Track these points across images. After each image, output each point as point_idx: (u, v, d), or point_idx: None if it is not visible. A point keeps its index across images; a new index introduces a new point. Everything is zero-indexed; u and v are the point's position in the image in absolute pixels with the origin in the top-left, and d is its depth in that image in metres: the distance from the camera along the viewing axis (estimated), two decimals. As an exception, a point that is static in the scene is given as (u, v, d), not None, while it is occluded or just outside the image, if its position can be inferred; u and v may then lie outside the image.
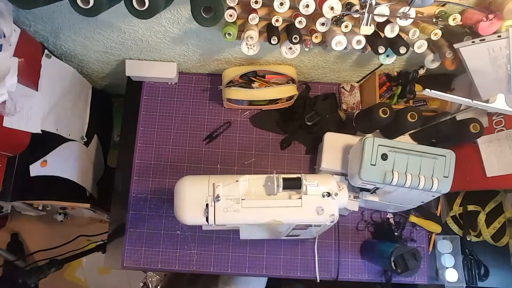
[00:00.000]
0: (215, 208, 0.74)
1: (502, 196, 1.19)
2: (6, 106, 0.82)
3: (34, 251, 1.42)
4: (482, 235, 1.17)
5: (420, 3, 0.73)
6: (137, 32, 0.99)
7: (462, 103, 0.81)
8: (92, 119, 1.32)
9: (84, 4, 0.65)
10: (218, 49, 1.07)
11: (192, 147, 1.19)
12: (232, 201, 0.74)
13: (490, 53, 0.86)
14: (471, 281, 1.14)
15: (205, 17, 0.72)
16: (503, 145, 0.94)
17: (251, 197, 0.76)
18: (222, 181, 0.76)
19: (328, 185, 0.78)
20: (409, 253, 0.98)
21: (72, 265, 1.86)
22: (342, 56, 1.09)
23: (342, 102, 1.24)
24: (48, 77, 1.01)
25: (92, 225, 1.91)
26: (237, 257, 1.12)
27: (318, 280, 1.11)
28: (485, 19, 0.81)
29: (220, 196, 0.74)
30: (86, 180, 1.31)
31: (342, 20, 0.80)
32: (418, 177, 0.84)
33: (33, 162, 1.01)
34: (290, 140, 1.21)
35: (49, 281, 1.19)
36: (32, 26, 0.95)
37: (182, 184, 0.76)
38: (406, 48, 0.83)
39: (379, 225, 1.16)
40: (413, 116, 0.91)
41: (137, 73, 1.16)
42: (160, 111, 1.21)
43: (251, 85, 1.13)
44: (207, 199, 0.74)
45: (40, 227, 1.90)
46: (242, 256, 1.12)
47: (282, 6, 0.76)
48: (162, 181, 1.16)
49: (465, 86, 1.09)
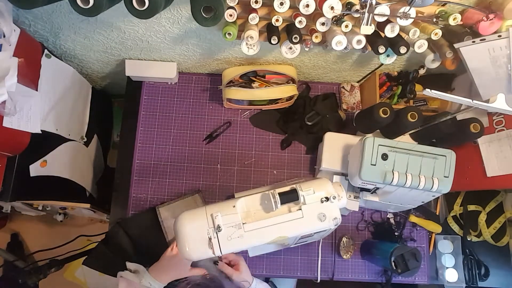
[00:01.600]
0: (218, 239, 0.73)
1: (503, 196, 1.19)
2: (6, 106, 0.82)
3: (34, 251, 1.42)
4: (483, 235, 1.17)
5: (421, 3, 0.73)
6: (137, 32, 0.98)
7: (463, 103, 0.81)
8: (92, 119, 1.31)
9: (84, 4, 0.64)
10: (218, 49, 1.07)
11: (192, 147, 1.19)
12: (234, 228, 0.74)
13: (490, 52, 0.86)
14: (471, 281, 1.14)
15: (205, 17, 0.72)
16: (503, 145, 0.93)
17: (251, 219, 0.75)
18: (220, 210, 0.75)
19: (324, 190, 0.78)
20: (409, 253, 0.98)
21: (72, 265, 1.85)
22: (342, 56, 1.09)
23: (342, 102, 1.24)
24: (48, 77, 1.01)
25: (92, 225, 1.91)
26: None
27: (319, 280, 1.12)
28: (486, 19, 0.81)
29: (221, 225, 0.73)
30: (86, 180, 1.31)
31: (342, 20, 0.80)
32: (419, 177, 0.84)
33: (33, 162, 1.01)
34: (290, 140, 1.21)
35: (49, 281, 1.19)
36: (31, 26, 0.95)
37: (181, 223, 0.75)
38: (406, 48, 0.83)
39: (379, 225, 1.16)
40: (413, 116, 0.91)
41: (137, 73, 1.16)
42: (160, 111, 1.21)
43: (251, 85, 1.13)
44: (208, 231, 0.73)
45: (40, 227, 1.90)
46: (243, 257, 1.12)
47: (282, 6, 0.76)
48: (162, 181, 1.16)
49: (465, 86, 1.08)
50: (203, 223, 0.74)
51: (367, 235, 1.17)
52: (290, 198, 0.76)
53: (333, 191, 0.78)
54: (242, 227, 0.74)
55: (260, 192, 0.78)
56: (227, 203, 0.77)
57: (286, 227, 0.75)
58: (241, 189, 1.17)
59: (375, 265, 1.14)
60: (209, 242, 0.73)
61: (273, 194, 0.75)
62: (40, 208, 1.29)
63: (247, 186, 1.18)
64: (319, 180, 0.81)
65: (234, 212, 0.75)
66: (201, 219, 0.75)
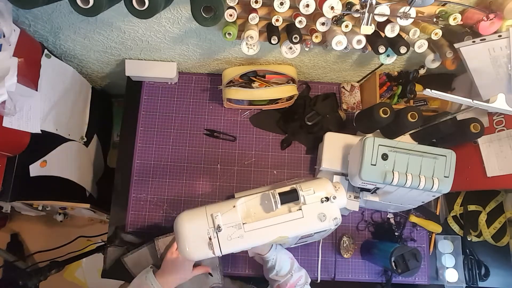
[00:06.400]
0: (218, 239, 0.73)
1: (503, 196, 1.19)
2: (6, 106, 0.82)
3: (34, 251, 1.42)
4: (483, 235, 1.17)
5: (421, 3, 0.73)
6: (137, 32, 0.98)
7: (463, 103, 0.81)
8: (92, 119, 1.31)
9: (84, 4, 0.64)
10: (218, 49, 1.07)
11: (192, 147, 1.19)
12: (234, 228, 0.73)
13: (490, 52, 0.86)
14: (472, 281, 1.14)
15: (205, 17, 0.71)
16: (503, 145, 0.93)
17: (251, 219, 0.75)
18: (220, 210, 0.75)
19: (324, 190, 0.78)
20: (409, 253, 0.98)
21: (72, 265, 1.85)
22: (343, 56, 1.09)
23: (342, 102, 1.24)
24: (47, 77, 1.01)
25: (92, 225, 1.91)
26: (237, 258, 1.12)
27: (319, 280, 1.11)
28: (486, 19, 0.81)
29: (221, 225, 0.73)
30: (86, 180, 1.31)
31: (342, 20, 0.80)
32: (419, 177, 0.84)
33: (33, 162, 1.01)
34: (290, 140, 1.21)
35: (49, 281, 1.19)
36: (31, 25, 0.95)
37: (181, 222, 0.74)
38: (406, 48, 0.83)
39: (380, 225, 1.16)
40: (413, 116, 0.91)
41: (137, 73, 1.16)
42: (160, 111, 1.21)
43: (251, 85, 1.13)
44: (208, 231, 0.73)
45: (40, 227, 1.90)
46: (242, 257, 1.12)
47: (282, 6, 0.76)
48: (162, 181, 1.16)
49: (465, 86, 1.08)
50: (203, 223, 0.74)
51: (367, 235, 1.17)
52: (290, 198, 0.76)
53: (333, 191, 0.78)
54: (242, 227, 0.74)
55: (260, 192, 0.78)
56: (227, 203, 0.77)
57: (286, 227, 0.75)
58: (241, 189, 1.17)
59: (375, 265, 1.14)
60: (209, 242, 0.73)
61: (273, 194, 0.75)
62: (40, 208, 1.29)
63: (247, 186, 1.18)
64: (319, 180, 0.81)
65: (234, 212, 0.75)
66: (201, 219, 0.75)
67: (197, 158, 1.18)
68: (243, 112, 1.23)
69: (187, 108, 1.22)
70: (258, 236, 0.74)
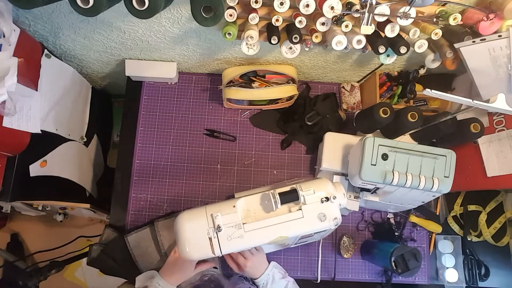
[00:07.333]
0: (218, 239, 0.73)
1: (503, 196, 1.19)
2: (6, 106, 0.82)
3: (34, 251, 1.42)
4: (483, 235, 1.17)
5: (421, 3, 0.73)
6: (137, 32, 0.98)
7: (463, 103, 0.81)
8: (92, 119, 1.31)
9: (84, 4, 0.64)
10: (218, 49, 1.07)
11: (192, 147, 1.19)
12: (234, 228, 0.74)
13: (490, 52, 0.86)
14: (472, 281, 1.14)
15: (205, 17, 0.72)
16: (503, 145, 0.93)
17: (251, 219, 0.75)
18: (220, 210, 0.75)
19: (324, 190, 0.78)
20: (409, 253, 0.98)
21: (72, 265, 1.85)
22: (343, 56, 1.09)
23: (342, 102, 1.24)
24: (47, 77, 1.01)
25: (92, 225, 1.91)
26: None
27: (319, 280, 1.11)
28: (486, 19, 0.81)
29: (221, 225, 0.73)
30: (86, 180, 1.31)
31: (342, 20, 0.80)
32: (419, 177, 0.84)
33: (33, 162, 1.01)
34: (290, 140, 1.21)
35: (49, 281, 1.19)
36: (31, 25, 0.95)
37: (181, 223, 0.75)
38: (406, 48, 0.83)
39: (380, 225, 1.16)
40: (413, 116, 0.91)
41: (137, 73, 1.16)
42: (160, 111, 1.21)
43: (251, 85, 1.13)
44: (208, 231, 0.73)
45: (40, 227, 1.90)
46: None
47: (282, 6, 0.76)
48: (162, 181, 1.16)
49: (465, 86, 1.08)
50: (203, 223, 0.74)
51: (367, 235, 1.17)
52: (290, 198, 0.76)
53: (333, 191, 0.78)
54: (242, 227, 0.74)
55: (260, 192, 0.78)
56: (227, 203, 0.77)
57: (286, 227, 0.75)
58: (241, 189, 1.17)
59: (375, 265, 1.14)
60: (209, 242, 0.73)
61: (273, 194, 0.75)
62: (40, 208, 1.29)
63: (247, 186, 1.18)
64: (319, 180, 0.81)
65: (234, 212, 0.75)
66: (201, 219, 0.75)
67: (197, 158, 1.18)
68: (243, 112, 1.23)
69: (187, 108, 1.22)
70: (258, 236, 0.74)
